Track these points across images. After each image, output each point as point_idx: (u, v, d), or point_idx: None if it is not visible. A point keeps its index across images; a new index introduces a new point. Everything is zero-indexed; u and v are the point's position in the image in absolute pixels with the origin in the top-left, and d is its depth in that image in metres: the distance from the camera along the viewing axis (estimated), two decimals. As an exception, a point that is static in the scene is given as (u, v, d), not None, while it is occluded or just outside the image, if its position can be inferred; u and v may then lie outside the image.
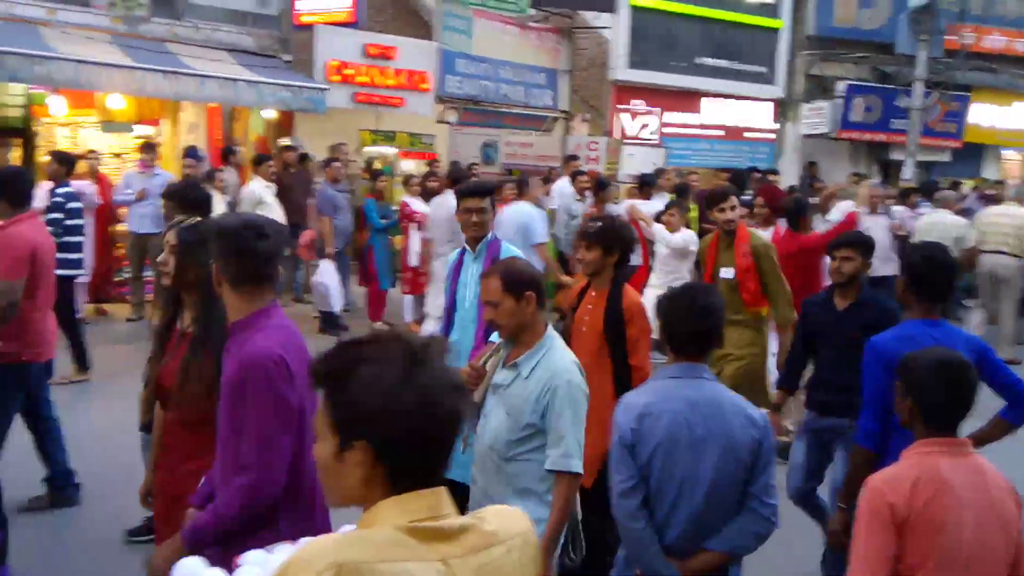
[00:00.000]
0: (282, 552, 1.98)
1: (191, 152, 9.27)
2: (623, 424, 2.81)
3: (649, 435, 2.76)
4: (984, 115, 18.83)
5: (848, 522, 3.36)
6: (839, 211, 9.04)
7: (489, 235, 4.52)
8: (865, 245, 4.72)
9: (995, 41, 18.59)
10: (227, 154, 10.73)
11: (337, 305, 9.59)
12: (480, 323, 4.15)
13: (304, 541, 1.45)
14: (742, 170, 12.15)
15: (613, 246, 4.28)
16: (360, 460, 1.45)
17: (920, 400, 2.67)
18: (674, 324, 2.88)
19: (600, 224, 4.40)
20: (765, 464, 2.80)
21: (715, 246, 5.82)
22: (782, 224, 7.47)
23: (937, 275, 3.53)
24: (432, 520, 1.44)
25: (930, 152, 18.07)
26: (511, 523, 1.58)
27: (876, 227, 9.05)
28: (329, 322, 9.44)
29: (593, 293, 4.36)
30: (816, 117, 17.52)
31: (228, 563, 2.13)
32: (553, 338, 3.27)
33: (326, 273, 9.46)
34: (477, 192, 4.52)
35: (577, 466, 3.06)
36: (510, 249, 4.54)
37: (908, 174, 15.47)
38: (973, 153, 19.26)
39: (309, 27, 12.45)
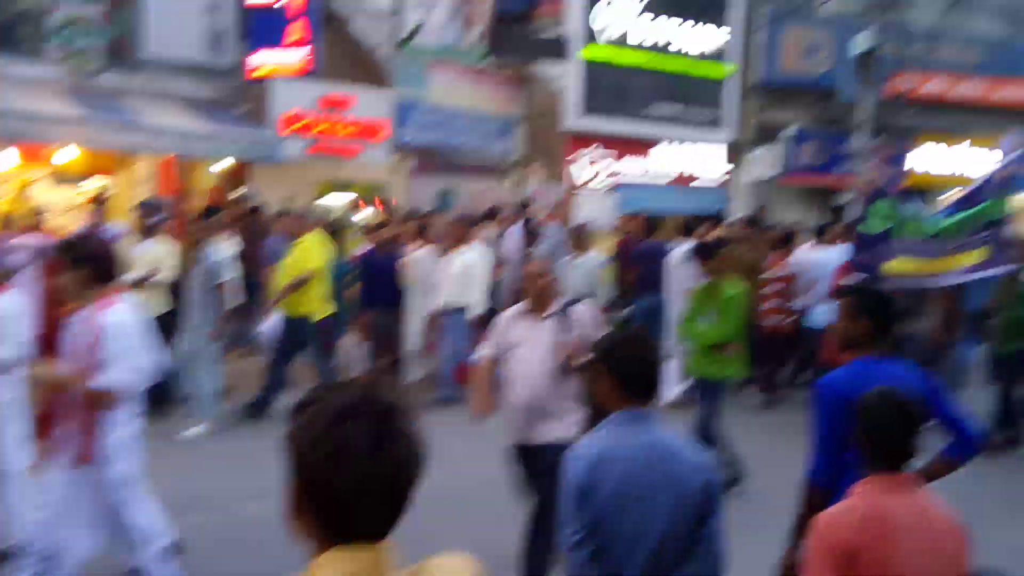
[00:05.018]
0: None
1: (144, 204, 9.13)
2: (576, 473, 2.77)
3: (602, 484, 2.73)
4: (928, 158, 19.26)
5: (797, 559, 3.39)
6: None
7: None
8: None
9: (936, 86, 19.12)
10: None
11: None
12: None
13: None
14: (690, 217, 12.24)
15: None
16: (296, 496, 1.46)
17: (866, 436, 2.72)
18: (620, 370, 2.86)
19: None
20: (715, 505, 2.81)
21: None
22: None
23: (890, 311, 3.59)
24: None
25: (875, 195, 18.40)
26: (456, 574, 1.57)
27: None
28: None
29: None
30: (764, 162, 17.88)
31: None
32: None
33: (270, 323, 9.29)
34: None
35: None
36: None
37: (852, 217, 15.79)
38: (917, 196, 19.61)
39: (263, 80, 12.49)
